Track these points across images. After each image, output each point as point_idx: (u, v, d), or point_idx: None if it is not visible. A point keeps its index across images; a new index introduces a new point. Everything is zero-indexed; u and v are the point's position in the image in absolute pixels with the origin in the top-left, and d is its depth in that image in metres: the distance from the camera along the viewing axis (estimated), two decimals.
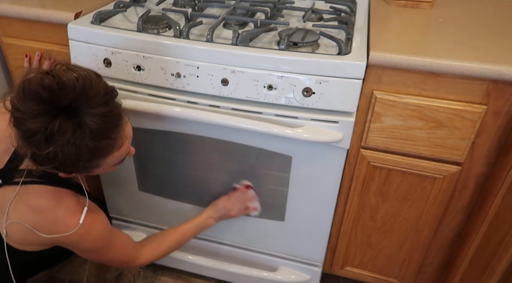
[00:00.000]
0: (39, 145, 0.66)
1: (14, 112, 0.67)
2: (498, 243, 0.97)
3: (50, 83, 0.65)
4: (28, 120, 0.66)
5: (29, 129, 0.66)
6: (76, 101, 0.67)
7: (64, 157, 0.68)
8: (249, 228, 1.18)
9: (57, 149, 0.67)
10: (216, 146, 1.04)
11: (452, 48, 0.87)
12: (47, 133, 0.66)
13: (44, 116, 0.66)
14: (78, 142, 0.67)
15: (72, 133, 0.67)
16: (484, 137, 0.90)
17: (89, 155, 0.71)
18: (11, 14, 1.06)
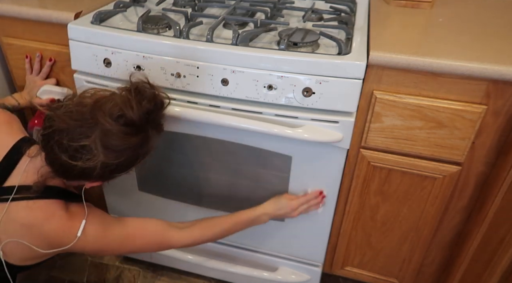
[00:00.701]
0: (119, 152, 0.74)
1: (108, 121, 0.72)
2: (498, 243, 0.97)
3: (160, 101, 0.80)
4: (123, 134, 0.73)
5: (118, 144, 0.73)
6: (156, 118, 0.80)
7: (128, 163, 0.77)
8: (249, 228, 1.17)
9: (131, 155, 0.76)
10: (216, 146, 1.04)
11: (452, 48, 0.87)
12: (134, 147, 0.75)
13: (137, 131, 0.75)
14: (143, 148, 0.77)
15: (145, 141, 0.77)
16: (484, 137, 0.90)
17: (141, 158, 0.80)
18: (11, 14, 1.06)
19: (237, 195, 1.13)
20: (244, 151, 1.02)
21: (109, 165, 0.74)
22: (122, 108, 0.72)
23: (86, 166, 0.72)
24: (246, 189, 1.11)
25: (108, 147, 0.72)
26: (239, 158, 1.04)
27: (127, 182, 1.19)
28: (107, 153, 0.72)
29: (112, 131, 0.72)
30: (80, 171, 0.73)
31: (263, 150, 0.99)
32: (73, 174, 0.75)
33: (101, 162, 0.72)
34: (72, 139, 0.71)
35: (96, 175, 0.75)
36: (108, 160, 0.73)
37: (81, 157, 0.72)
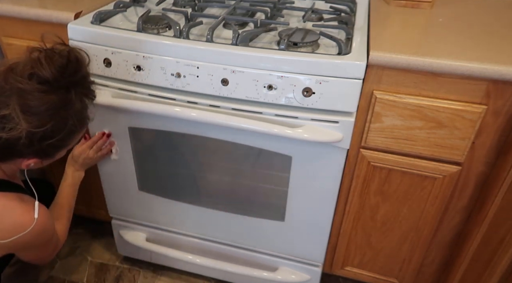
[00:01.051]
0: (42, 118, 0.70)
1: (23, 81, 0.69)
2: (498, 243, 0.97)
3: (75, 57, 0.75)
4: (40, 92, 0.69)
5: (37, 104, 0.69)
6: (82, 78, 0.76)
7: (61, 133, 0.73)
8: (249, 228, 1.18)
9: (57, 123, 0.72)
10: (216, 146, 1.04)
11: (452, 48, 0.87)
12: (58, 107, 0.71)
13: (56, 89, 0.71)
14: (73, 115, 0.74)
15: (74, 105, 0.74)
16: (484, 137, 0.90)
17: (76, 127, 0.77)
18: (11, 14, 1.06)
19: (237, 195, 1.13)
20: (244, 151, 1.02)
21: (35, 133, 0.71)
22: (33, 66, 0.71)
23: (10, 137, 0.70)
24: (246, 189, 1.11)
25: (27, 111, 0.70)
26: (239, 158, 1.04)
27: (127, 182, 1.19)
28: (28, 118, 0.70)
29: (27, 91, 0.70)
30: (7, 145, 0.71)
31: (263, 150, 0.99)
32: (3, 151, 0.73)
33: (25, 130, 0.70)
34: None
35: (25, 147, 0.72)
36: (32, 127, 0.70)
37: (3, 127, 0.70)
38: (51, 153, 0.79)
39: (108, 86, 1.01)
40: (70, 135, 0.79)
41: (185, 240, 1.28)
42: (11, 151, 0.74)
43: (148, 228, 1.31)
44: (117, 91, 1.00)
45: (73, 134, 0.79)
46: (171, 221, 1.25)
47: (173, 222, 1.26)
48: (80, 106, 0.77)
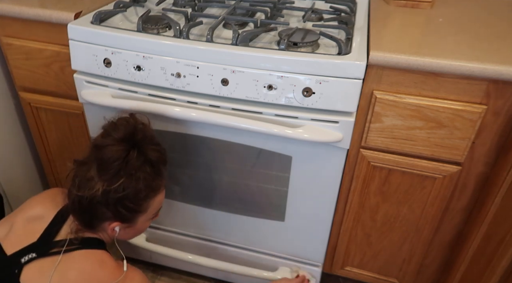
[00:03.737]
0: (114, 175, 0.79)
1: (99, 140, 0.81)
2: (498, 243, 0.96)
3: (134, 121, 0.86)
4: (112, 145, 0.80)
5: (109, 157, 0.79)
6: (145, 139, 0.84)
7: (130, 191, 0.80)
8: (249, 228, 1.18)
9: (127, 181, 0.79)
10: (216, 146, 1.04)
11: (452, 48, 0.87)
12: (125, 160, 0.79)
13: (125, 145, 0.81)
14: (142, 175, 0.81)
15: (140, 164, 0.81)
16: (484, 137, 0.90)
17: (147, 190, 0.83)
18: (11, 14, 1.06)
19: (237, 195, 1.13)
20: (244, 151, 1.02)
21: (109, 191, 0.79)
22: (107, 129, 0.84)
23: (91, 195, 0.79)
24: (246, 189, 1.11)
25: (101, 165, 0.79)
26: (239, 158, 1.04)
27: None
28: (101, 172, 0.79)
29: (101, 146, 0.81)
30: (90, 204, 0.80)
31: (263, 150, 0.99)
32: (87, 212, 0.81)
33: (101, 187, 0.79)
34: (80, 175, 0.81)
35: (104, 206, 0.80)
36: (106, 184, 0.79)
37: (85, 187, 0.79)
38: (128, 216, 0.85)
39: (108, 86, 1.01)
40: (141, 198, 0.84)
41: (185, 240, 1.28)
42: (94, 213, 0.82)
43: (148, 228, 1.31)
44: (117, 91, 1.00)
45: (144, 197, 0.84)
46: (171, 221, 1.25)
47: (173, 222, 1.26)
48: (150, 169, 0.83)
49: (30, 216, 0.86)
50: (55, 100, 1.19)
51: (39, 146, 1.33)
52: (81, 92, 1.03)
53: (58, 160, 1.35)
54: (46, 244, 0.82)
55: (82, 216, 0.83)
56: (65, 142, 1.28)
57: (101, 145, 0.81)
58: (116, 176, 0.79)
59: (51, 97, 1.19)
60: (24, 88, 1.21)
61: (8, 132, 1.29)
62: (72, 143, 1.28)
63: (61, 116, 1.22)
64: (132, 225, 0.88)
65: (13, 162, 1.33)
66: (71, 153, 1.30)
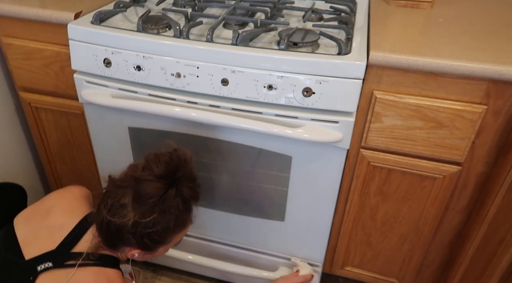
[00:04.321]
0: (148, 209, 0.78)
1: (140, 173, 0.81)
2: (498, 243, 0.97)
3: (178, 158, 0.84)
4: (152, 182, 0.79)
5: (147, 192, 0.79)
6: (184, 176, 0.83)
7: (160, 227, 0.80)
8: (249, 228, 1.17)
9: (159, 217, 0.79)
10: (216, 146, 1.04)
11: (452, 48, 0.87)
12: (162, 198, 0.79)
13: (165, 182, 0.80)
14: (174, 212, 0.81)
15: (175, 201, 0.81)
16: (484, 137, 0.90)
17: (175, 226, 0.83)
18: (11, 14, 1.06)
19: (237, 195, 1.13)
20: (244, 151, 1.02)
21: (139, 223, 0.79)
22: (149, 161, 0.83)
23: (120, 222, 0.79)
24: (246, 189, 1.11)
25: (138, 199, 0.79)
26: (239, 158, 1.04)
27: None
28: (136, 206, 0.79)
29: (140, 180, 0.80)
30: (116, 230, 0.80)
31: (263, 150, 0.99)
32: (113, 235, 0.81)
33: (132, 218, 0.78)
34: (114, 198, 0.80)
35: (130, 234, 0.80)
36: (138, 217, 0.79)
37: (117, 213, 0.79)
38: (151, 246, 0.85)
39: (108, 86, 1.01)
40: (169, 233, 0.84)
41: (185, 240, 1.28)
42: (119, 238, 0.82)
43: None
44: (117, 91, 1.00)
45: (171, 232, 0.85)
46: None
47: None
48: (182, 205, 0.83)
49: (51, 220, 0.86)
50: (55, 100, 1.19)
51: (39, 146, 1.33)
52: (81, 92, 1.03)
53: (58, 160, 1.35)
54: (63, 254, 0.82)
55: (107, 236, 0.83)
56: (65, 142, 1.28)
57: (140, 178, 0.80)
58: (150, 211, 0.79)
59: (51, 97, 1.19)
60: (24, 88, 1.21)
61: (8, 132, 1.29)
62: (72, 143, 1.28)
63: (61, 116, 1.22)
64: (151, 253, 0.88)
65: (13, 162, 1.33)
66: (71, 153, 1.30)
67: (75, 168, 1.34)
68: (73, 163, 1.33)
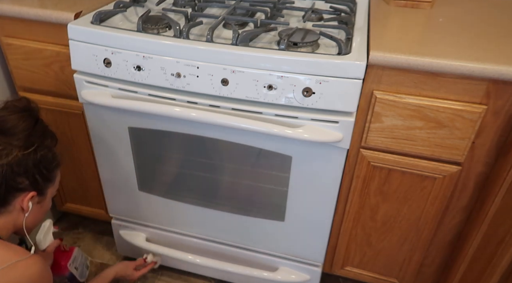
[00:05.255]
0: (25, 140, 0.80)
1: None
2: (498, 243, 0.96)
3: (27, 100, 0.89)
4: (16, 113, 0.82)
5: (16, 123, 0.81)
6: None
7: (43, 157, 0.83)
8: (249, 228, 1.18)
9: (40, 147, 0.82)
10: (216, 146, 1.04)
11: (452, 48, 0.87)
12: (35, 127, 0.83)
13: (29, 114, 0.85)
14: (49, 144, 0.86)
15: (45, 135, 0.86)
16: (484, 137, 0.90)
17: (55, 160, 0.88)
18: (11, 14, 1.06)
19: (237, 195, 1.13)
20: (244, 151, 1.02)
21: (28, 154, 0.79)
22: (6, 103, 0.86)
23: (8, 162, 0.77)
24: (246, 189, 1.11)
25: (10, 133, 0.80)
26: (239, 158, 1.04)
27: (127, 182, 1.19)
28: (15, 139, 0.79)
29: (2, 116, 0.82)
30: (8, 173, 0.78)
31: (263, 150, 0.99)
32: (3, 186, 0.78)
33: (19, 153, 0.78)
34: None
35: (22, 173, 0.80)
36: (21, 149, 0.79)
37: (1, 156, 0.77)
38: (42, 186, 0.86)
39: (108, 86, 1.01)
40: (53, 165, 0.87)
41: (185, 240, 1.28)
42: (13, 182, 0.80)
43: (148, 228, 1.31)
44: (117, 91, 1.00)
45: (55, 165, 0.88)
46: (171, 221, 1.25)
47: (173, 222, 1.26)
48: (52, 138, 0.89)
49: None
50: (55, 100, 1.19)
51: None
52: (81, 92, 1.03)
53: None
54: None
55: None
56: (65, 142, 1.28)
57: (1, 116, 0.81)
58: (29, 139, 0.80)
59: (51, 97, 1.19)
60: (24, 88, 1.21)
61: None
62: (72, 143, 1.28)
63: (61, 116, 1.22)
64: (43, 199, 0.87)
65: None
66: (71, 153, 1.30)
67: (75, 168, 1.34)
68: (73, 163, 1.33)
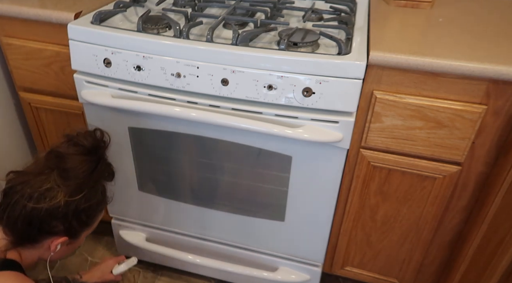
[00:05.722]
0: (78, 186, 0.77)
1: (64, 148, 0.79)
2: (498, 243, 0.96)
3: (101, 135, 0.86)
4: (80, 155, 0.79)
5: (76, 166, 0.78)
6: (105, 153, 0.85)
7: (88, 203, 0.79)
8: (249, 228, 1.18)
9: (90, 192, 0.79)
10: (216, 146, 1.04)
11: (452, 48, 0.87)
12: (92, 172, 0.79)
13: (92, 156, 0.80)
14: (101, 188, 0.83)
15: (102, 177, 0.83)
16: (484, 137, 0.90)
17: (103, 203, 0.85)
18: (11, 14, 1.06)
19: (237, 195, 1.13)
20: (244, 151, 1.02)
21: (71, 202, 0.77)
22: (71, 138, 0.82)
23: (50, 206, 0.75)
24: (246, 189, 1.11)
25: (65, 175, 0.77)
26: (239, 158, 1.04)
27: (127, 182, 1.19)
28: (65, 182, 0.76)
29: (66, 154, 0.78)
30: (46, 216, 0.76)
31: (263, 150, 0.99)
32: (37, 226, 0.77)
33: (63, 198, 0.75)
34: (34, 187, 0.75)
35: (61, 219, 0.77)
36: (69, 195, 0.76)
37: (44, 198, 0.75)
38: (77, 231, 0.83)
39: (108, 86, 1.01)
40: (96, 211, 0.85)
41: (185, 240, 1.28)
42: (44, 228, 0.78)
43: (148, 228, 1.31)
44: (117, 91, 1.00)
45: (98, 210, 0.86)
46: (171, 221, 1.25)
47: (173, 222, 1.26)
48: (104, 181, 0.85)
49: None
50: (55, 100, 1.19)
51: (39, 146, 1.33)
52: (81, 92, 1.03)
53: None
54: None
55: (27, 231, 0.77)
56: None
57: (67, 154, 0.78)
58: (79, 188, 0.77)
59: (51, 97, 1.19)
60: (24, 88, 1.21)
61: (8, 132, 1.29)
62: None
63: (61, 116, 1.22)
64: (74, 241, 0.86)
65: (13, 162, 1.32)
66: None
67: None
68: None
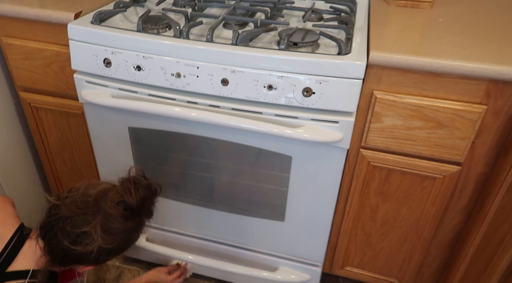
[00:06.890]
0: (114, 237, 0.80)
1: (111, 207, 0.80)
2: (498, 243, 0.97)
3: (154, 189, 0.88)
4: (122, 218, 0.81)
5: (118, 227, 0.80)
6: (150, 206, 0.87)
7: (121, 246, 0.83)
8: (249, 228, 1.18)
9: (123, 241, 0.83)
10: (216, 146, 1.04)
11: (452, 48, 0.87)
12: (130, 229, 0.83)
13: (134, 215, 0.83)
14: (135, 235, 0.87)
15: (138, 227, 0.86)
16: (484, 137, 0.90)
17: (133, 244, 0.88)
18: (11, 14, 1.06)
19: (237, 195, 1.13)
20: (244, 151, 1.02)
21: (105, 249, 0.80)
22: (123, 195, 0.81)
23: (84, 251, 0.78)
24: (246, 189, 1.11)
25: (107, 231, 0.79)
26: (239, 158, 1.04)
27: None
28: (105, 236, 0.79)
29: (113, 215, 0.79)
30: (78, 255, 0.79)
31: (263, 150, 0.99)
32: (71, 259, 0.81)
33: (98, 246, 0.78)
34: (75, 226, 0.78)
35: (92, 259, 0.80)
36: (105, 244, 0.79)
37: (81, 242, 0.78)
38: (106, 261, 0.87)
39: (108, 86, 1.01)
40: (126, 249, 0.88)
41: (185, 240, 1.28)
42: (78, 261, 0.82)
43: (148, 228, 1.30)
44: (117, 91, 1.00)
45: (129, 248, 0.89)
46: (171, 221, 1.25)
47: (173, 222, 1.26)
48: (143, 228, 0.89)
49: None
50: (55, 100, 1.19)
51: (39, 146, 1.33)
52: (81, 92, 1.03)
53: (58, 160, 1.35)
54: None
55: (60, 258, 0.81)
56: (65, 142, 1.28)
57: (112, 214, 0.79)
58: (115, 238, 0.80)
59: (51, 97, 1.19)
60: (24, 88, 1.21)
61: (8, 132, 1.29)
62: (72, 143, 1.28)
63: (61, 116, 1.22)
64: (103, 264, 0.90)
65: (13, 162, 1.33)
66: (71, 153, 1.30)
67: (75, 168, 1.34)
68: (73, 163, 1.33)
